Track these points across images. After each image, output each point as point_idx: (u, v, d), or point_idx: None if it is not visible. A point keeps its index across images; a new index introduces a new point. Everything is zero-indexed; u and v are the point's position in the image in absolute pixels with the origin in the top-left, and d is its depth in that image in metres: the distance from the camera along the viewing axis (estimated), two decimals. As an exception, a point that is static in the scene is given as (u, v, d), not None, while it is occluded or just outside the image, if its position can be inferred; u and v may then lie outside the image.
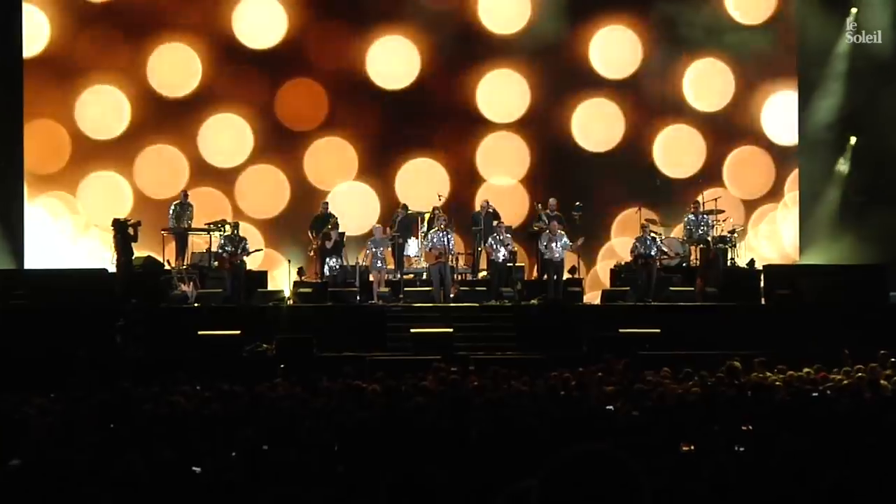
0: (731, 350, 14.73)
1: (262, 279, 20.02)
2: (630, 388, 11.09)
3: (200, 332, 16.99)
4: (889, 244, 20.36)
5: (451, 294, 18.90)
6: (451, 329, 17.37)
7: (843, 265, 20.52)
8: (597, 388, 11.37)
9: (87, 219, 21.42)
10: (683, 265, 20.71)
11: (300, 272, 20.04)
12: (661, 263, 19.89)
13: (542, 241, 19.04)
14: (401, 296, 19.04)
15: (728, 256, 20.46)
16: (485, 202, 20.46)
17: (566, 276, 19.48)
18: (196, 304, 18.55)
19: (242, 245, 19.18)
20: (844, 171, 22.06)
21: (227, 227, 19.76)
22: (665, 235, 20.63)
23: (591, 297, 20.19)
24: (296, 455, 7.43)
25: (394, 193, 21.77)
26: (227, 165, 21.86)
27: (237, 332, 17.08)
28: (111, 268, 18.82)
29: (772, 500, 5.85)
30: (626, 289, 19.22)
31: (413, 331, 17.24)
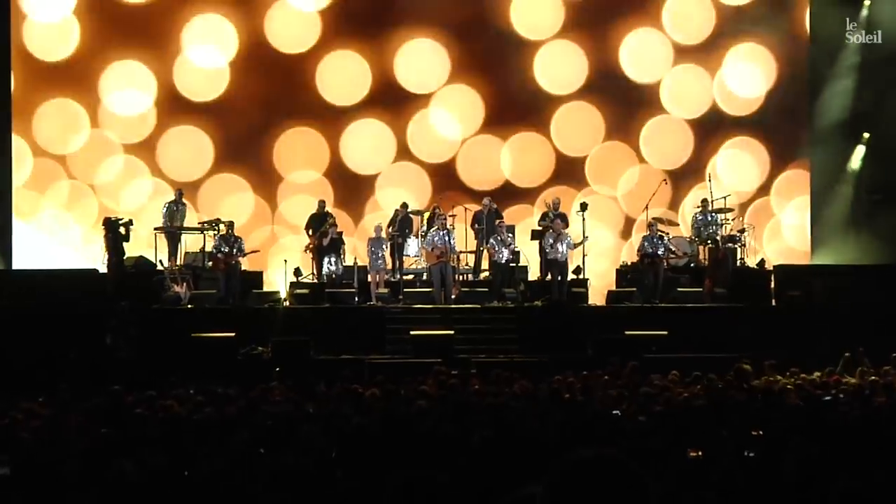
0: (741, 353, 14.73)
1: (258, 280, 20.03)
2: (636, 392, 11.10)
3: (194, 335, 17.00)
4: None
5: (453, 295, 18.89)
6: (452, 331, 17.36)
7: (856, 265, 20.50)
8: (602, 392, 11.38)
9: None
10: (691, 265, 20.69)
11: (297, 272, 20.04)
12: (669, 263, 19.87)
13: (548, 241, 19.04)
14: (400, 297, 19.03)
15: (737, 256, 20.45)
16: (487, 200, 20.42)
17: (570, 277, 19.47)
18: (189, 306, 18.55)
19: (238, 245, 19.17)
20: (857, 169, 22.04)
21: (222, 227, 19.74)
22: (672, 234, 20.60)
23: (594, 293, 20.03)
24: (292, 461, 7.44)
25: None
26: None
27: (231, 335, 17.09)
28: (102, 268, 18.83)
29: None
30: (633, 289, 19.21)
31: (413, 333, 17.23)
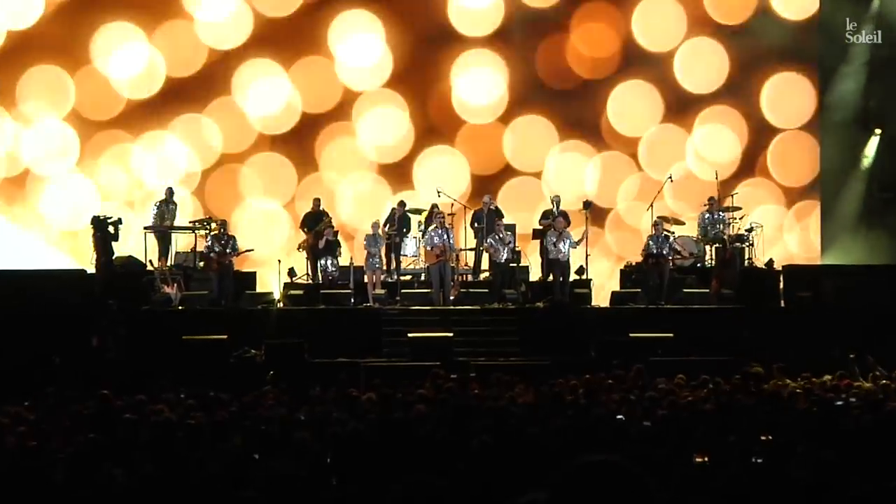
0: (749, 355, 14.73)
1: (251, 280, 20.01)
2: (641, 396, 11.10)
3: (185, 337, 16.99)
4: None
5: (452, 296, 18.89)
6: (451, 333, 17.36)
7: (868, 265, 20.50)
8: (605, 396, 11.38)
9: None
10: (698, 265, 20.68)
11: (291, 273, 20.02)
12: (675, 263, 19.87)
13: (550, 240, 19.03)
14: (397, 298, 19.03)
15: (745, 256, 20.44)
16: (487, 198, 20.38)
17: (573, 277, 19.47)
18: (180, 307, 18.54)
19: (231, 244, 19.14)
20: (868, 165, 22.05)
21: (214, 226, 19.73)
22: (677, 233, 20.60)
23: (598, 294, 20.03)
24: (286, 467, 7.44)
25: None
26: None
27: (224, 337, 17.09)
28: (90, 268, 18.81)
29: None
30: (638, 290, 19.20)
31: (411, 335, 17.23)
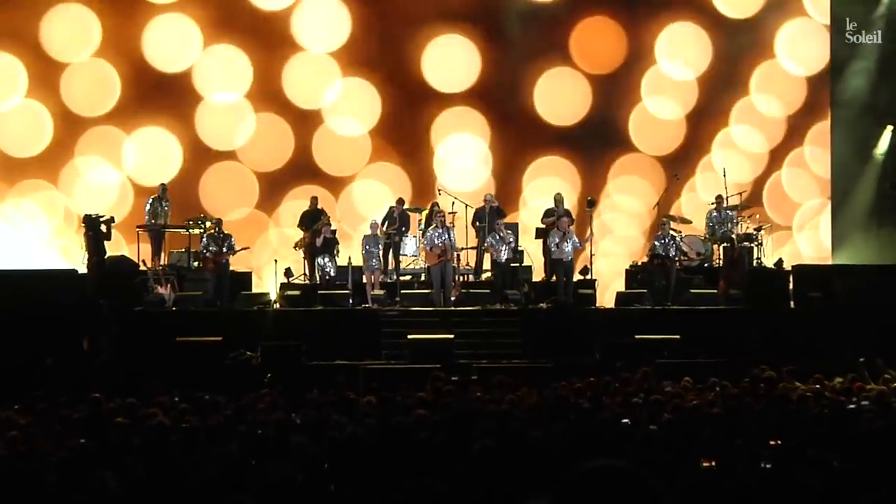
0: (757, 358, 14.72)
1: (247, 281, 20.02)
2: (647, 400, 11.10)
3: (179, 339, 17.01)
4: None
5: (453, 297, 18.88)
6: (452, 335, 17.37)
7: (880, 265, 20.49)
8: (610, 400, 11.38)
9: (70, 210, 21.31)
10: (705, 265, 20.70)
11: (287, 273, 20.02)
12: (681, 264, 19.87)
13: (553, 239, 19.02)
14: (397, 299, 19.03)
15: (754, 256, 20.43)
16: (488, 196, 20.34)
17: (577, 278, 19.46)
18: (174, 308, 18.54)
19: (228, 243, 19.12)
20: (880, 162, 22.04)
21: (209, 224, 19.72)
22: (684, 233, 20.60)
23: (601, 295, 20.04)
24: (283, 473, 7.43)
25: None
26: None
27: (219, 339, 17.09)
28: (82, 268, 18.82)
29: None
30: (643, 291, 19.20)
31: (410, 337, 17.24)
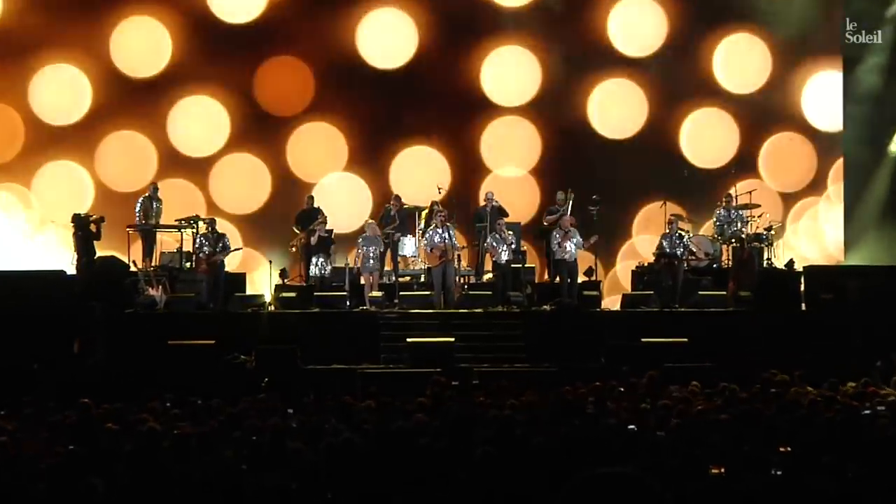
0: (768, 361, 14.72)
1: (240, 282, 20.02)
2: (654, 405, 11.10)
3: (171, 342, 17.01)
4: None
5: (454, 297, 18.83)
6: (453, 338, 17.36)
7: (894, 265, 20.49)
8: (616, 405, 11.38)
9: (43, 214, 21.42)
10: (714, 266, 20.70)
11: (282, 274, 20.02)
12: (689, 264, 19.87)
13: (554, 239, 19.03)
14: (396, 301, 19.02)
15: (764, 256, 20.44)
16: (489, 195, 20.34)
17: (582, 279, 19.46)
18: (165, 310, 18.54)
19: (222, 242, 19.10)
20: (894, 160, 22.04)
21: (202, 224, 19.72)
22: (694, 233, 20.62)
23: (610, 303, 20.19)
24: (278, 480, 7.43)
25: (388, 185, 21.80)
26: (201, 154, 21.91)
27: (212, 342, 17.09)
28: (71, 269, 18.82)
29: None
30: (650, 293, 19.20)
31: (410, 340, 17.24)
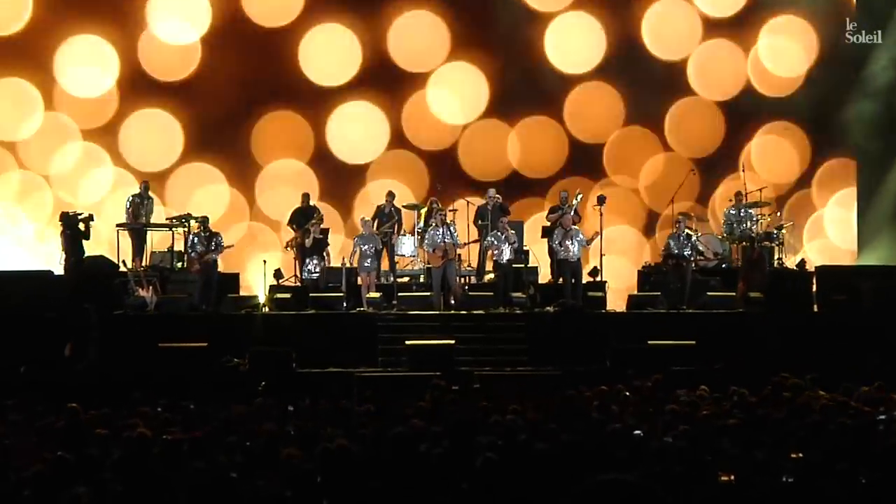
0: (779, 365, 14.71)
1: (233, 283, 19.99)
2: (661, 410, 11.09)
3: (161, 345, 17.01)
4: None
5: (453, 300, 18.80)
6: (453, 341, 17.34)
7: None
8: (622, 409, 11.37)
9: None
10: (723, 266, 20.68)
11: (277, 275, 20.00)
12: (698, 264, 19.84)
13: (556, 239, 18.99)
14: (394, 302, 19.01)
15: (775, 256, 20.42)
16: (491, 192, 20.33)
17: (586, 280, 19.42)
18: (156, 312, 18.53)
19: (215, 241, 19.02)
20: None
21: (193, 223, 19.69)
22: (702, 232, 20.58)
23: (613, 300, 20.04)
24: (273, 487, 7.42)
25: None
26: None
27: (204, 345, 17.09)
28: (59, 269, 18.80)
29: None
30: (657, 294, 19.17)
31: (408, 343, 17.22)
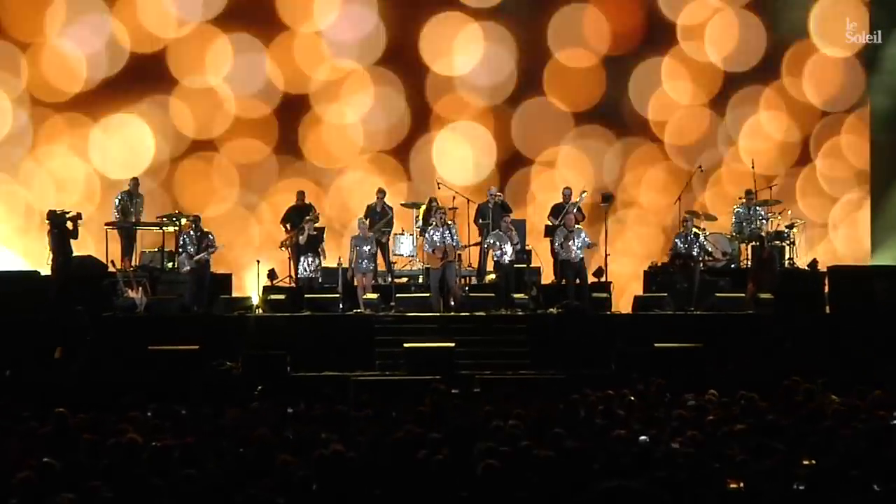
0: (790, 368, 14.72)
1: (226, 284, 19.98)
2: (668, 415, 11.09)
3: (151, 347, 17.00)
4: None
5: (454, 300, 18.78)
6: (453, 343, 17.32)
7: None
8: (627, 415, 11.36)
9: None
10: (732, 266, 20.67)
11: (271, 275, 19.99)
12: (706, 265, 19.83)
13: (557, 238, 18.97)
14: (392, 303, 19.00)
15: (785, 256, 20.41)
16: (493, 190, 20.36)
17: (591, 280, 19.41)
18: (146, 314, 18.51)
19: (207, 241, 19.01)
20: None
21: (185, 222, 19.67)
22: (709, 231, 20.57)
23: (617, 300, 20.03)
24: (267, 495, 7.42)
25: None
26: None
27: (196, 347, 17.08)
28: (45, 270, 18.79)
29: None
30: (664, 295, 19.16)
31: (407, 345, 17.20)
